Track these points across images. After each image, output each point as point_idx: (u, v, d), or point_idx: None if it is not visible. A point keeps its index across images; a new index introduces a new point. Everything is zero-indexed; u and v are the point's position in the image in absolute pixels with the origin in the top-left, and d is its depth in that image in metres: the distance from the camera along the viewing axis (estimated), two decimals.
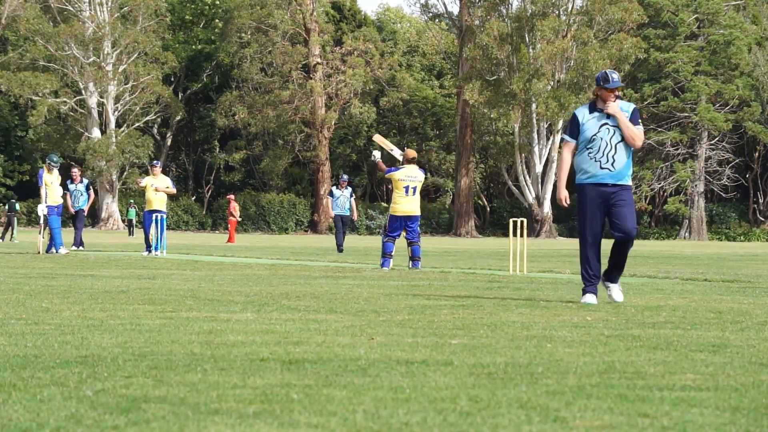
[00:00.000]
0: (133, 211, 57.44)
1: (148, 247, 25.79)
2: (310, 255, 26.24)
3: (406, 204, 19.07)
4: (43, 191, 24.67)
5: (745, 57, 72.42)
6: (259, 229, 75.19)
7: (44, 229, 24.92)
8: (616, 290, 10.76)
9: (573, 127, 10.88)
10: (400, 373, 5.28)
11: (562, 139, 11.26)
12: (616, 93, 10.66)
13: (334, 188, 30.85)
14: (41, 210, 24.84)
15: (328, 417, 4.07)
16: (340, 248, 29.39)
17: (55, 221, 24.65)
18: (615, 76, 10.64)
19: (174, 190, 26.83)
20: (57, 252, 24.40)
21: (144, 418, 4.00)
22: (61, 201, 25.00)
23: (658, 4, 73.41)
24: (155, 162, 27.00)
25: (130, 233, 54.84)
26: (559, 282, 14.80)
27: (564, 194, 10.83)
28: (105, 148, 68.75)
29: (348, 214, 30.24)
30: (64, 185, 26.86)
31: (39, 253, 24.30)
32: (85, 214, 28.08)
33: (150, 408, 4.21)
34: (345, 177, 31.39)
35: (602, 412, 4.25)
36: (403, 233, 19.16)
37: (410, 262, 19.05)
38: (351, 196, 30.50)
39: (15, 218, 43.00)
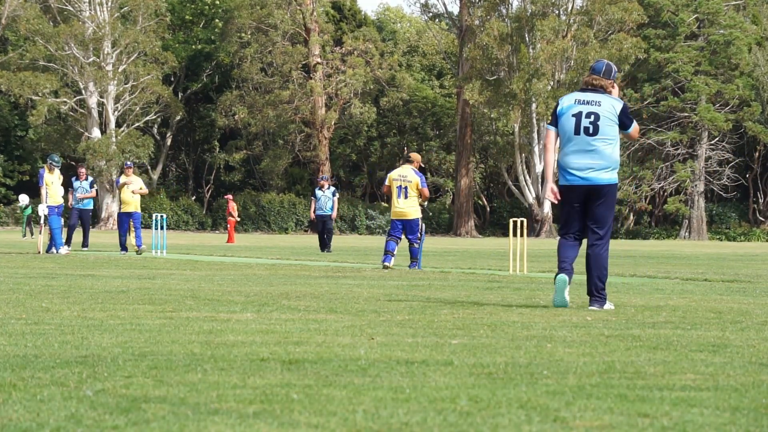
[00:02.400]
0: (29, 210, 57.10)
1: (124, 247, 25.89)
2: (310, 255, 26.24)
3: (398, 206, 19.06)
4: (43, 191, 24.68)
5: (745, 57, 72.41)
6: (259, 229, 75.18)
7: (44, 228, 24.93)
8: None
9: None
10: (400, 373, 5.28)
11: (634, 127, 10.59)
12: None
13: (317, 189, 30.88)
14: (41, 210, 24.83)
15: (328, 417, 4.07)
16: (322, 248, 29.51)
17: (55, 221, 24.65)
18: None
19: (146, 191, 27.00)
20: (57, 252, 24.41)
21: (144, 418, 4.00)
22: (61, 201, 25.00)
23: (658, 4, 73.40)
24: (128, 164, 27.03)
25: (23, 235, 54.55)
26: None
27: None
28: (105, 148, 68.73)
29: (329, 213, 30.23)
30: (67, 183, 26.91)
31: (39, 252, 24.32)
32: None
33: (150, 408, 4.21)
34: (325, 177, 31.65)
35: (602, 412, 4.25)
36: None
37: (410, 262, 19.15)
38: (333, 195, 30.49)
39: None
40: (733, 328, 7.90)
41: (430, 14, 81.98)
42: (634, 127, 9.90)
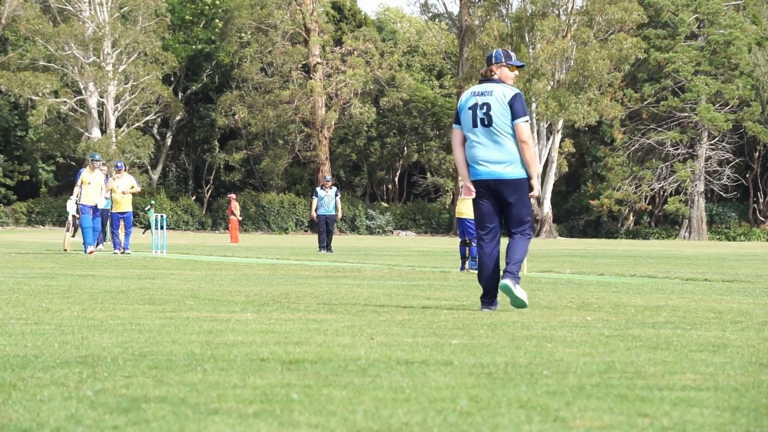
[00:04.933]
0: (151, 211, 57.16)
1: (117, 245, 25.80)
2: (310, 255, 26.24)
3: (459, 205, 18.99)
4: (76, 189, 24.47)
5: (745, 57, 72.43)
6: (259, 229, 75.19)
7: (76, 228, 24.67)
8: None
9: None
10: (400, 373, 5.28)
11: (525, 122, 9.97)
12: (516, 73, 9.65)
13: (318, 189, 31.02)
14: (70, 207, 24.54)
15: (328, 417, 4.07)
16: (321, 247, 29.54)
17: (86, 221, 24.38)
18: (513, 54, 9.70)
19: (139, 189, 26.77)
20: (85, 252, 24.25)
21: (144, 418, 3.99)
22: (95, 202, 24.60)
23: (658, 4, 73.42)
24: (118, 165, 26.82)
25: (147, 232, 54.50)
26: (559, 282, 14.80)
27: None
28: (105, 148, 68.70)
29: (333, 213, 30.43)
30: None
31: (66, 250, 24.18)
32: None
33: (150, 408, 4.21)
34: (328, 177, 31.82)
35: (602, 412, 4.24)
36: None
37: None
38: (336, 195, 30.67)
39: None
40: (733, 328, 7.89)
41: (430, 14, 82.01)
42: (521, 124, 9.27)
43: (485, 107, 9.29)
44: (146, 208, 56.47)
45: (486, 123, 9.29)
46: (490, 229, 9.42)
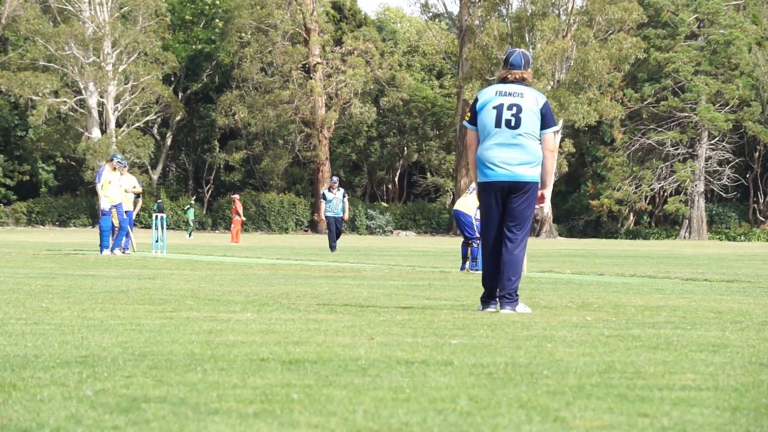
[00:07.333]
0: (192, 212, 56.92)
1: (117, 245, 25.65)
2: (310, 255, 26.25)
3: (460, 199, 18.74)
4: (99, 188, 24.29)
5: (745, 57, 72.43)
6: (259, 229, 75.20)
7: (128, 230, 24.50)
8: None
9: None
10: (400, 373, 5.28)
11: (555, 132, 9.60)
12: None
13: (326, 191, 30.83)
14: (105, 205, 24.35)
15: (328, 417, 4.06)
16: (332, 248, 29.61)
17: (105, 222, 24.10)
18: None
19: (140, 189, 26.58)
20: (101, 253, 23.95)
21: (144, 418, 3.99)
22: (116, 201, 24.36)
23: (658, 4, 73.42)
24: (122, 163, 26.63)
25: (189, 235, 54.18)
26: (559, 282, 14.80)
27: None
28: (105, 148, 68.72)
29: (341, 215, 30.34)
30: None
31: (133, 251, 24.17)
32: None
33: (150, 408, 4.21)
34: (335, 179, 31.52)
35: (602, 412, 4.24)
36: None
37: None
38: (344, 197, 30.57)
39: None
40: (733, 328, 7.89)
41: (430, 14, 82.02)
42: (551, 134, 9.12)
43: (514, 108, 9.03)
44: (186, 208, 56.36)
45: (513, 125, 9.03)
46: (496, 230, 9.21)
